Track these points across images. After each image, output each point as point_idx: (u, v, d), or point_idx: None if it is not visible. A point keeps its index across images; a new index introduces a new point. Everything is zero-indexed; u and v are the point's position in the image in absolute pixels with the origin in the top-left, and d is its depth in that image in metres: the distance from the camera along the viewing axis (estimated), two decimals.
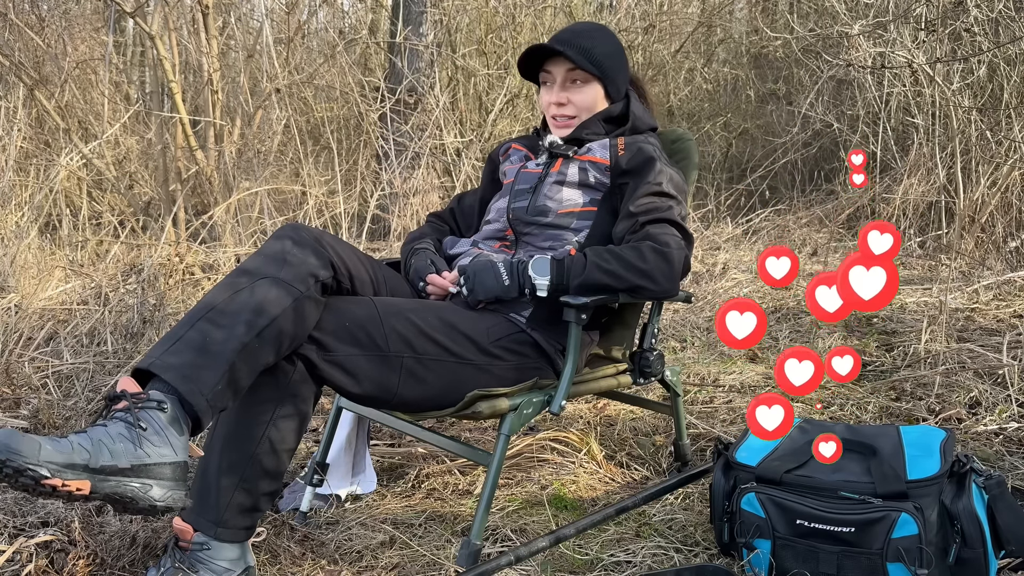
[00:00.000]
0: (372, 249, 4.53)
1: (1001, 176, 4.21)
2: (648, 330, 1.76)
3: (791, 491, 1.44)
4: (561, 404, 1.52)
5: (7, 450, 1.02)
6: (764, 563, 1.45)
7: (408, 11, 5.41)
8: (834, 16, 5.23)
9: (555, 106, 1.73)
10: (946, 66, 4.53)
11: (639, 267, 1.50)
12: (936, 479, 1.37)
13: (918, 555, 1.32)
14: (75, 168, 4.45)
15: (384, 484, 1.95)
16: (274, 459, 1.35)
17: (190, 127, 4.24)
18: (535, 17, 5.65)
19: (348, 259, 1.46)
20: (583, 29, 1.72)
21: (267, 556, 1.55)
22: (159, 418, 1.15)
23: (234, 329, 1.24)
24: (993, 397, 2.26)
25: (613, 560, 1.56)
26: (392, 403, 1.44)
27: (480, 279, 1.54)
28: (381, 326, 1.38)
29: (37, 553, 1.43)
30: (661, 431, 2.24)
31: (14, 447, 1.02)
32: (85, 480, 1.06)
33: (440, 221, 1.94)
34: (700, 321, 3.42)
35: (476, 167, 4.85)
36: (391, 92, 5.08)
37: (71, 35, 5.04)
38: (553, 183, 1.70)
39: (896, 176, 5.04)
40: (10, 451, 1.02)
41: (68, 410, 2.21)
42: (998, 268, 3.78)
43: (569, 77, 1.71)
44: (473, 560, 1.42)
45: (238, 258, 3.75)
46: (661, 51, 6.41)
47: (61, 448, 1.06)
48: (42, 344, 2.65)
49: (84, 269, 3.47)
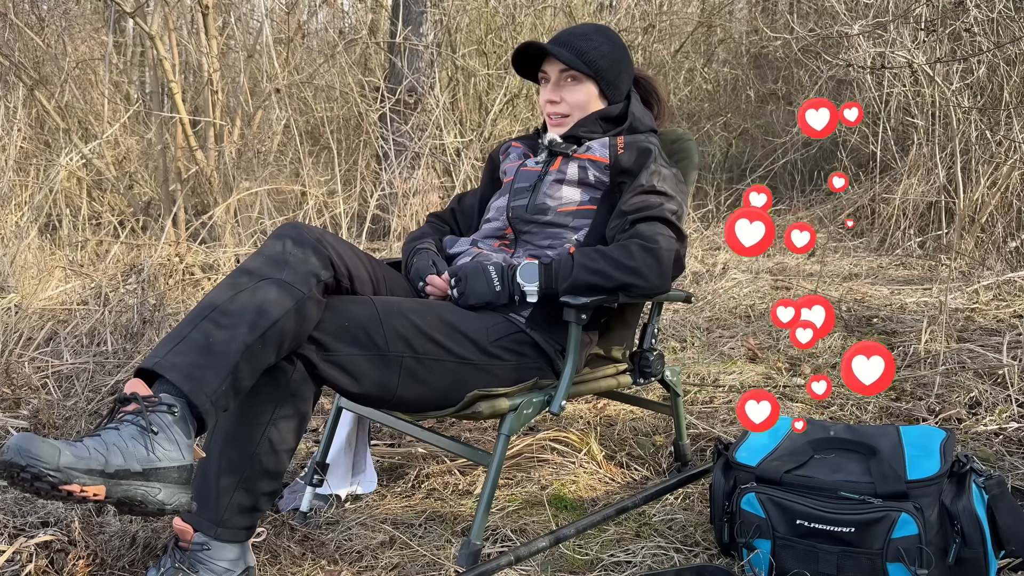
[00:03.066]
0: (372, 249, 4.53)
1: (1001, 176, 4.21)
2: (648, 330, 1.76)
3: (791, 491, 1.44)
4: (561, 404, 1.52)
5: (28, 455, 1.00)
6: (764, 563, 1.45)
7: (408, 11, 5.41)
8: (834, 16, 5.23)
9: (549, 104, 1.74)
10: (946, 66, 4.53)
11: (627, 264, 1.50)
12: (936, 479, 1.37)
13: (918, 555, 1.32)
14: (75, 168, 4.45)
15: (384, 484, 1.95)
16: (274, 459, 1.35)
17: (190, 127, 4.23)
18: (535, 17, 5.65)
19: (348, 258, 1.46)
20: (582, 31, 1.73)
21: (267, 556, 1.55)
22: (169, 421, 1.14)
23: (237, 330, 1.23)
24: (993, 397, 2.26)
25: (613, 560, 1.56)
26: (392, 403, 1.44)
27: (471, 284, 1.54)
28: (381, 326, 1.38)
29: (37, 553, 1.43)
30: (661, 431, 2.24)
31: (35, 452, 1.01)
32: (101, 485, 1.05)
33: (440, 221, 1.94)
34: (700, 321, 3.42)
35: (476, 167, 4.85)
36: (391, 92, 5.08)
37: (71, 35, 5.04)
38: (553, 181, 1.70)
39: (896, 176, 5.04)
40: (31, 456, 1.00)
41: (68, 410, 2.21)
42: (998, 268, 3.78)
43: (563, 76, 1.72)
44: (473, 560, 1.42)
45: (238, 258, 3.75)
46: (661, 51, 6.41)
47: (79, 453, 1.05)
48: (42, 344, 2.65)
49: (84, 269, 3.47)
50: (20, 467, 1.00)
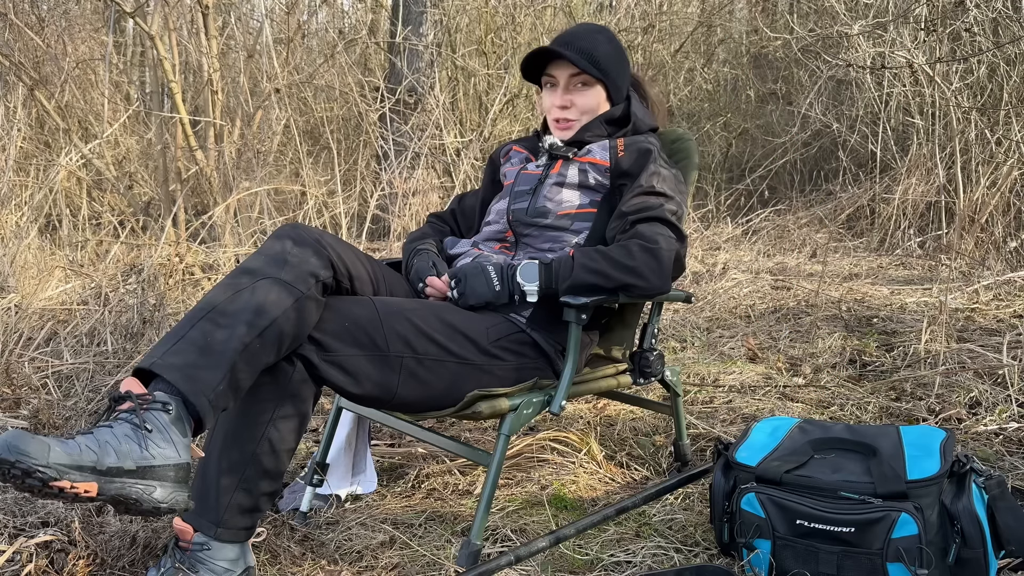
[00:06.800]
0: (372, 249, 4.53)
1: (1001, 176, 4.21)
2: (648, 330, 1.76)
3: (791, 491, 1.44)
4: (561, 404, 1.52)
5: (16, 451, 1.01)
6: (764, 563, 1.45)
7: (408, 11, 5.41)
8: (834, 16, 5.23)
9: (558, 109, 1.73)
10: (946, 66, 4.53)
11: (627, 265, 1.50)
12: (936, 479, 1.37)
13: (918, 555, 1.32)
14: (75, 168, 4.45)
15: (384, 484, 1.95)
16: (274, 459, 1.34)
17: (190, 127, 4.24)
18: (535, 17, 5.65)
19: (348, 259, 1.46)
20: (584, 31, 1.72)
21: (267, 556, 1.55)
22: (163, 419, 1.14)
23: (235, 329, 1.23)
24: (993, 397, 2.26)
25: (613, 560, 1.56)
26: (392, 403, 1.44)
27: (471, 284, 1.54)
28: (381, 326, 1.38)
29: (37, 553, 1.43)
30: (661, 431, 2.24)
31: (23, 448, 1.01)
32: (92, 482, 1.06)
33: (441, 221, 1.94)
34: (700, 321, 3.42)
35: (476, 167, 4.86)
36: (391, 92, 5.08)
37: (71, 35, 5.04)
38: (553, 185, 1.70)
39: (896, 176, 5.05)
40: (20, 452, 1.01)
41: (68, 410, 2.21)
42: (998, 268, 3.78)
43: (573, 80, 1.71)
44: (473, 560, 1.42)
45: (238, 258, 3.75)
46: (661, 51, 6.41)
47: (69, 450, 1.05)
48: (42, 344, 2.65)
49: (84, 269, 3.47)
50: (10, 463, 1.01)
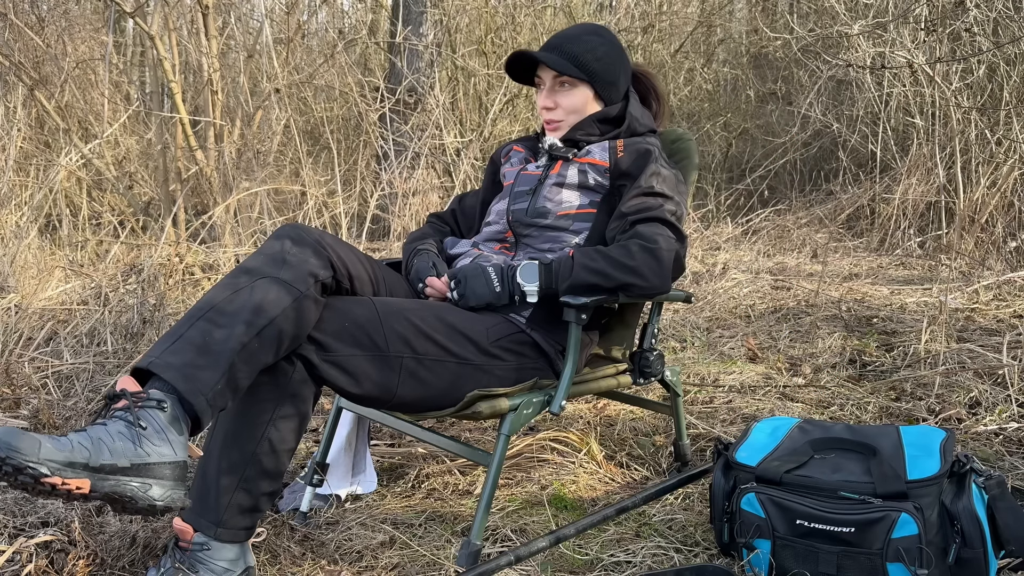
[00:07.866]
0: (372, 249, 4.54)
1: (1001, 176, 4.22)
2: (648, 330, 1.76)
3: (791, 491, 1.44)
4: (561, 404, 1.52)
5: (7, 447, 1.01)
6: (764, 563, 1.45)
7: (408, 11, 5.42)
8: (834, 16, 5.24)
9: (544, 110, 1.75)
10: (946, 66, 4.53)
11: (627, 264, 1.50)
12: (936, 479, 1.37)
13: (918, 555, 1.32)
14: (75, 168, 4.45)
15: (384, 484, 1.95)
16: (274, 459, 1.34)
17: (190, 127, 4.24)
18: (535, 17, 5.65)
19: (348, 259, 1.46)
20: (575, 33, 1.72)
21: (267, 556, 1.55)
22: (159, 417, 1.14)
23: (234, 328, 1.23)
24: (993, 397, 2.26)
25: (613, 560, 1.56)
26: (392, 403, 1.44)
27: (471, 285, 1.54)
28: (381, 326, 1.38)
29: (37, 553, 1.43)
30: (661, 431, 2.24)
31: (14, 444, 1.02)
32: (85, 479, 1.06)
33: (441, 222, 1.94)
34: (700, 321, 3.42)
35: (476, 167, 4.86)
36: (391, 92, 5.08)
37: (71, 35, 5.04)
38: (552, 185, 1.70)
39: (896, 176, 5.05)
40: (10, 448, 1.01)
41: (68, 410, 2.21)
42: (998, 268, 3.78)
43: (557, 81, 1.72)
44: (473, 560, 1.42)
45: (238, 258, 3.75)
46: (661, 51, 6.41)
47: (61, 446, 1.05)
48: (42, 344, 2.65)
49: (84, 269, 3.47)
50: (0, 459, 1.01)
